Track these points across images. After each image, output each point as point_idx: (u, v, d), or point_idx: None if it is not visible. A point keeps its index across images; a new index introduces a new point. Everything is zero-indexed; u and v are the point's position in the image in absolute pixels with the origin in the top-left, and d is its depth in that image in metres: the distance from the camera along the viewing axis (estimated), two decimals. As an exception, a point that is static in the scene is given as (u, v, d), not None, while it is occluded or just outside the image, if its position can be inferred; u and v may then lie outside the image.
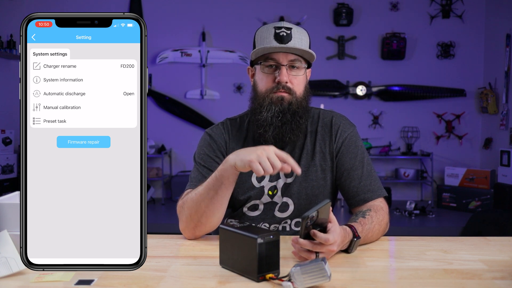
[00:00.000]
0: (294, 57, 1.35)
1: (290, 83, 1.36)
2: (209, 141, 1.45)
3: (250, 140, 1.45)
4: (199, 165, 1.42)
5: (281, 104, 1.36)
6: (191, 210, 1.28)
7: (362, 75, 4.96)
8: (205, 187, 1.26)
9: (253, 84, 1.44)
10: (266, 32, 1.36)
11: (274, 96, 1.36)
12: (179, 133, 5.06)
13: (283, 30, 1.34)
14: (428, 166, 4.87)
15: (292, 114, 1.36)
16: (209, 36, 5.02)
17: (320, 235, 1.03)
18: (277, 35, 1.33)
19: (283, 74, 1.34)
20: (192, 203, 1.28)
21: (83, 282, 0.95)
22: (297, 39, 1.34)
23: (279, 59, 1.34)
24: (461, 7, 4.88)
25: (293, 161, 1.14)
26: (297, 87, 1.37)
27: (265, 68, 1.37)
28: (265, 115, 1.36)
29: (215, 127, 1.49)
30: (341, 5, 4.86)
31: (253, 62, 1.42)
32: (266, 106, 1.36)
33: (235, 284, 0.96)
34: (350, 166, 1.41)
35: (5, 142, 4.34)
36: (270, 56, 1.35)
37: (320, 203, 1.02)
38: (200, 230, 1.30)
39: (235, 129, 1.48)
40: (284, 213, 1.43)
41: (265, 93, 1.37)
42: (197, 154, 1.45)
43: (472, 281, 0.97)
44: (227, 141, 1.46)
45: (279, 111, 1.35)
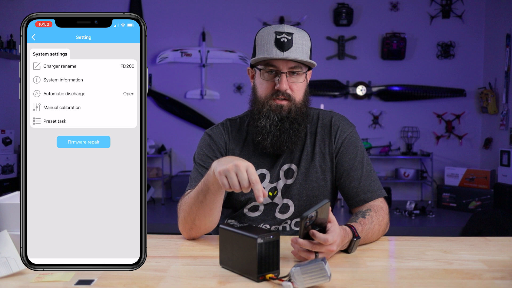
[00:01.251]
0: (294, 64, 1.34)
1: (289, 90, 1.35)
2: (209, 142, 1.45)
3: (250, 141, 1.46)
4: (198, 166, 1.42)
5: (280, 113, 1.35)
6: (185, 212, 1.28)
7: (362, 75, 4.96)
8: (195, 191, 1.25)
9: (253, 87, 1.43)
10: (267, 37, 1.34)
11: (273, 104, 1.35)
12: (179, 133, 5.06)
13: (284, 35, 1.32)
14: (428, 166, 4.87)
15: (291, 122, 1.36)
16: (209, 36, 5.02)
17: (319, 235, 1.03)
18: (277, 41, 1.32)
19: (283, 81, 1.33)
20: (186, 206, 1.28)
21: (83, 282, 0.95)
22: (298, 45, 1.33)
23: (279, 66, 1.34)
24: (461, 7, 4.88)
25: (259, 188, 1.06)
26: (297, 94, 1.37)
27: (264, 74, 1.36)
28: (264, 123, 1.36)
29: (215, 127, 1.49)
30: (341, 5, 4.86)
31: (253, 65, 1.42)
32: (265, 113, 1.36)
33: (235, 284, 0.96)
34: (349, 166, 1.41)
35: (5, 142, 4.34)
36: (270, 63, 1.34)
37: (319, 203, 1.02)
38: (196, 231, 1.30)
39: (235, 130, 1.48)
40: (285, 214, 1.43)
41: (264, 99, 1.37)
42: (197, 155, 1.45)
43: (472, 281, 0.97)
44: (227, 142, 1.46)
45: (277, 120, 1.35)
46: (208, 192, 1.20)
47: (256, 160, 1.41)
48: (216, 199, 1.22)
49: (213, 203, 1.23)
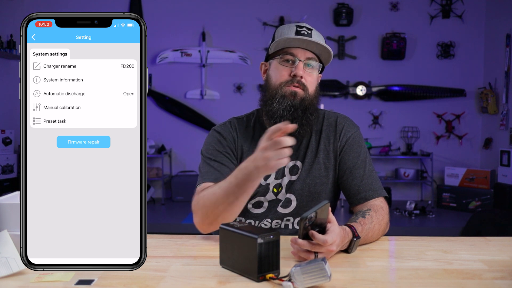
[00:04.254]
0: (311, 55, 1.38)
1: (304, 79, 1.38)
2: (218, 138, 1.45)
3: (257, 139, 1.46)
4: (209, 160, 1.41)
5: (294, 99, 1.37)
6: (207, 209, 1.26)
7: (362, 75, 4.96)
8: (224, 191, 1.22)
9: (266, 79, 1.45)
10: (288, 29, 1.39)
11: (287, 90, 1.37)
12: (179, 133, 5.06)
13: (305, 29, 1.38)
14: (428, 166, 4.87)
15: (303, 110, 1.37)
16: (209, 36, 5.02)
17: (318, 236, 1.03)
18: (298, 32, 1.37)
19: (299, 68, 1.36)
20: (210, 203, 1.25)
21: (83, 282, 0.95)
22: (317, 39, 1.38)
23: (297, 54, 1.37)
24: (461, 7, 4.88)
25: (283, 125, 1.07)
26: (310, 85, 1.40)
27: (283, 61, 1.39)
28: (277, 107, 1.37)
29: (222, 125, 1.50)
30: (341, 5, 4.86)
31: (270, 57, 1.44)
32: (278, 99, 1.37)
33: (235, 284, 0.96)
34: (352, 164, 1.42)
35: (5, 142, 4.34)
36: (289, 51, 1.38)
37: (319, 204, 1.02)
38: (216, 226, 1.28)
39: (243, 128, 1.49)
40: (287, 209, 1.43)
41: (279, 85, 1.39)
42: (206, 150, 1.44)
43: (472, 281, 0.97)
44: (235, 138, 1.46)
45: (290, 105, 1.37)
46: (243, 194, 1.20)
47: None
48: (247, 197, 1.23)
49: (244, 202, 1.24)
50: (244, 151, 1.45)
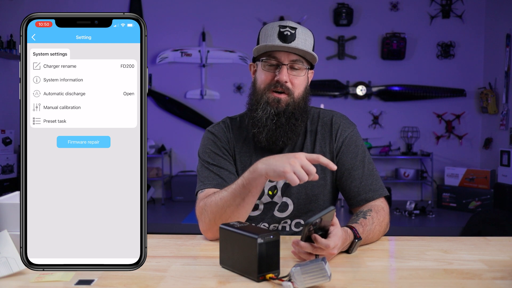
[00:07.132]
0: (296, 57, 1.35)
1: (289, 83, 1.35)
2: (213, 139, 1.45)
3: (251, 138, 1.45)
4: (208, 164, 1.41)
5: (277, 107, 1.35)
6: (215, 214, 1.26)
7: (362, 75, 4.96)
8: (230, 194, 1.23)
9: (253, 80, 1.44)
10: (271, 30, 1.35)
11: (271, 97, 1.36)
12: (179, 133, 5.06)
13: (288, 29, 1.33)
14: (428, 166, 4.87)
15: (288, 117, 1.36)
16: (209, 36, 5.02)
17: (321, 241, 1.02)
18: (281, 34, 1.33)
19: (283, 73, 1.34)
20: (217, 208, 1.25)
21: (83, 282, 0.95)
22: (301, 39, 1.34)
23: (280, 58, 1.34)
24: (461, 7, 4.88)
25: (325, 160, 1.13)
26: (297, 88, 1.37)
27: (266, 66, 1.37)
28: (260, 114, 1.36)
29: (216, 125, 1.49)
30: (341, 5, 4.86)
31: (255, 59, 1.42)
32: (262, 105, 1.36)
33: (235, 284, 0.96)
34: (350, 165, 1.40)
35: (5, 142, 4.34)
36: (272, 54, 1.35)
37: (325, 209, 1.02)
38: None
39: (236, 127, 1.48)
40: (284, 213, 1.42)
41: (263, 90, 1.37)
42: (203, 153, 1.44)
43: (472, 281, 0.97)
44: (229, 138, 1.46)
45: (274, 114, 1.35)
46: (248, 195, 1.21)
47: (256, 157, 1.41)
48: (254, 200, 1.23)
49: (250, 204, 1.24)
50: (237, 152, 1.45)
